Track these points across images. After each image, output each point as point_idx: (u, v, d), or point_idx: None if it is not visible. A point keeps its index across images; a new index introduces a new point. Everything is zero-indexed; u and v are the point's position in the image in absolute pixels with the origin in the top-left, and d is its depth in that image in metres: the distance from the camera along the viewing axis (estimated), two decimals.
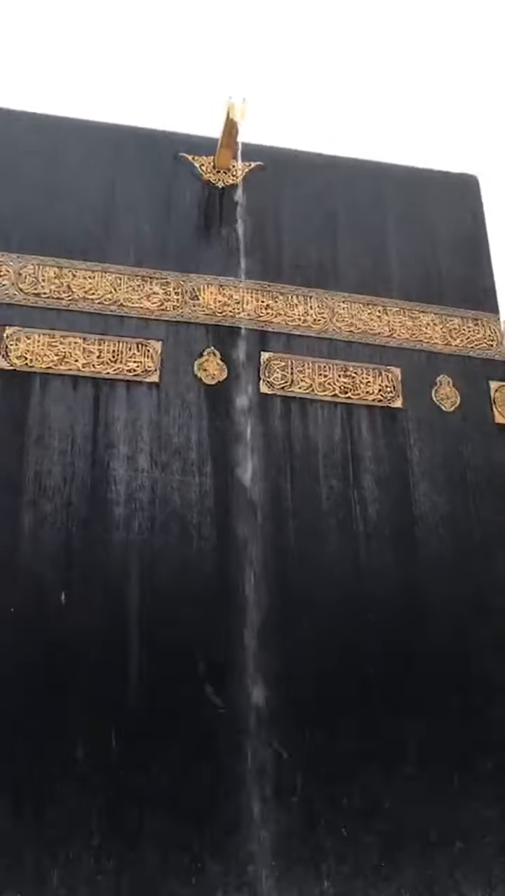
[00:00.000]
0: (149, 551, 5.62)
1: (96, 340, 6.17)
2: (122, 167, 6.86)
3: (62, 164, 6.74)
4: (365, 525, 6.05)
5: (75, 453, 5.79)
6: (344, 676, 5.56)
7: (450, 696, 5.68)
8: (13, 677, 5.12)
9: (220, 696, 5.31)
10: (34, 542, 5.50)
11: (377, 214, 7.27)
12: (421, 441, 6.43)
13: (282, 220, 7.00)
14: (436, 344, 6.82)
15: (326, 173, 7.32)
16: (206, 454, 5.98)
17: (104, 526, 5.63)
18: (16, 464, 5.67)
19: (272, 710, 5.28)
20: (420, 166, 7.73)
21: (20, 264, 6.31)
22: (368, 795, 5.31)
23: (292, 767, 5.25)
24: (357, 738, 5.40)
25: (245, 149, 6.89)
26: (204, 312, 6.46)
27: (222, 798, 5.10)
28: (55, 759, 5.01)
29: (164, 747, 5.15)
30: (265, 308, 6.60)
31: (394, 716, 5.54)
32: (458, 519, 6.25)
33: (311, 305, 6.72)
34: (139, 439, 5.93)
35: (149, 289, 6.44)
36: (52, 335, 6.12)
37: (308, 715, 5.40)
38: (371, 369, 6.58)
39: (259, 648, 5.42)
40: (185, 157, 7.02)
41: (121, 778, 5.05)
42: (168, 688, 5.28)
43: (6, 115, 6.88)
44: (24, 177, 6.61)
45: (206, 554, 5.70)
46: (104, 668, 5.26)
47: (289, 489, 6.03)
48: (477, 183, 7.69)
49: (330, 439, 6.27)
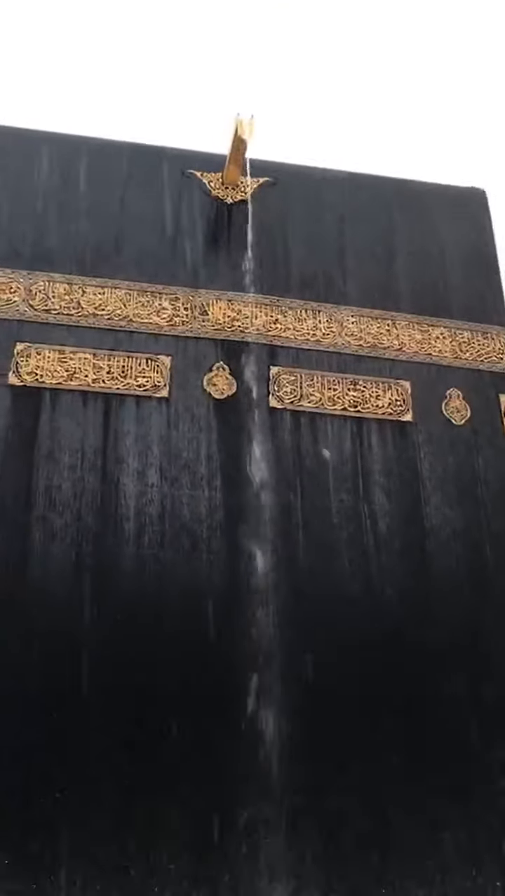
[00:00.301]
0: (158, 566, 5.61)
1: (106, 356, 6.20)
2: (131, 184, 6.91)
3: (71, 180, 6.80)
4: (375, 539, 6.02)
5: (85, 468, 5.79)
6: (356, 692, 5.51)
7: (463, 712, 5.61)
8: (23, 692, 5.10)
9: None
10: (44, 557, 5.49)
11: (385, 229, 7.29)
12: (431, 455, 6.40)
13: (290, 235, 7.03)
14: (445, 357, 6.82)
15: (334, 188, 7.36)
16: (215, 469, 5.98)
17: (114, 541, 5.62)
18: (26, 479, 5.68)
19: (284, 734, 5.23)
20: (428, 180, 7.76)
21: (30, 281, 6.36)
22: (376, 812, 5.24)
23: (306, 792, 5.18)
24: (370, 759, 5.34)
25: (253, 164, 6.94)
26: (213, 327, 6.48)
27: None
28: (61, 775, 4.98)
29: (172, 766, 5.11)
30: (274, 322, 6.62)
31: (407, 732, 5.47)
32: (469, 533, 6.20)
33: (320, 320, 6.73)
34: (149, 454, 5.94)
35: (158, 304, 6.47)
36: (62, 351, 6.15)
37: (322, 742, 5.32)
38: (381, 383, 6.58)
39: (270, 664, 5.38)
40: (194, 174, 7.07)
41: (137, 797, 5.01)
42: (175, 707, 5.23)
43: (15, 132, 6.96)
44: (33, 193, 6.68)
45: (216, 568, 5.68)
46: (112, 684, 5.23)
47: (299, 503, 6.01)
48: (485, 196, 7.72)
49: (340, 453, 6.25)
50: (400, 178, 7.68)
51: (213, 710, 5.26)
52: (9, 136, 6.93)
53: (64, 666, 5.23)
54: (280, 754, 5.18)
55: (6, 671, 5.14)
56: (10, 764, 4.94)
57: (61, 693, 5.16)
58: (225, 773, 5.14)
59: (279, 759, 5.17)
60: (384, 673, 5.60)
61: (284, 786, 5.12)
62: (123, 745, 5.10)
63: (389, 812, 5.25)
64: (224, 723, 5.23)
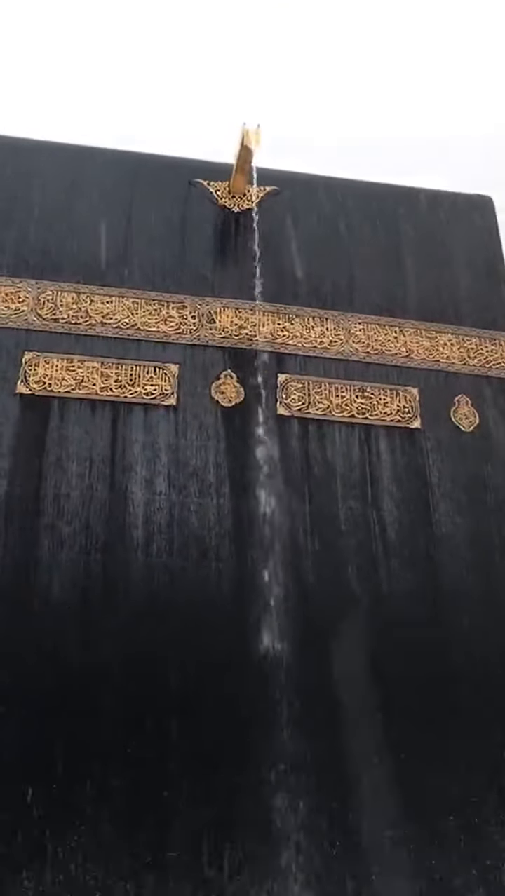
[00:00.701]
0: (167, 574, 5.59)
1: (114, 364, 6.21)
2: (138, 193, 6.94)
3: (79, 191, 6.84)
4: (384, 546, 5.99)
5: (93, 476, 5.80)
6: (365, 699, 5.47)
7: (474, 717, 5.57)
8: (32, 696, 5.09)
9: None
10: (52, 565, 5.49)
11: (392, 236, 7.30)
12: (440, 461, 6.38)
13: (297, 243, 7.03)
14: (453, 364, 6.80)
15: (341, 196, 7.37)
16: (223, 476, 5.97)
17: (123, 548, 5.62)
18: (34, 487, 5.69)
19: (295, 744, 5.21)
20: (434, 188, 7.76)
21: (38, 290, 6.38)
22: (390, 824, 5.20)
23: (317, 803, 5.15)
24: (381, 767, 5.30)
25: (259, 173, 6.96)
26: (220, 335, 6.49)
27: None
28: (68, 791, 4.96)
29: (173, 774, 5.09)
30: (281, 330, 6.62)
31: (419, 739, 5.43)
32: (479, 540, 6.17)
33: (327, 327, 6.72)
34: (157, 462, 5.93)
35: (165, 313, 6.49)
36: (70, 359, 6.16)
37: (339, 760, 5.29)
38: (388, 390, 6.57)
39: (278, 671, 5.35)
40: (201, 183, 7.09)
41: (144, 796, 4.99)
42: (181, 715, 5.22)
43: (23, 144, 7.02)
44: (41, 204, 6.72)
45: (224, 576, 5.66)
46: (121, 691, 5.22)
47: (307, 511, 5.99)
48: (491, 203, 7.72)
49: (348, 460, 6.24)
50: (406, 186, 7.70)
51: (221, 718, 5.23)
52: (16, 147, 6.98)
53: (72, 672, 5.21)
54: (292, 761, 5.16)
55: (16, 677, 5.13)
56: (11, 765, 4.94)
57: (69, 698, 5.14)
58: (227, 776, 5.12)
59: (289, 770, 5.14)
60: (395, 679, 5.56)
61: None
62: (125, 751, 5.08)
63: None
64: (233, 731, 5.22)
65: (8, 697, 5.07)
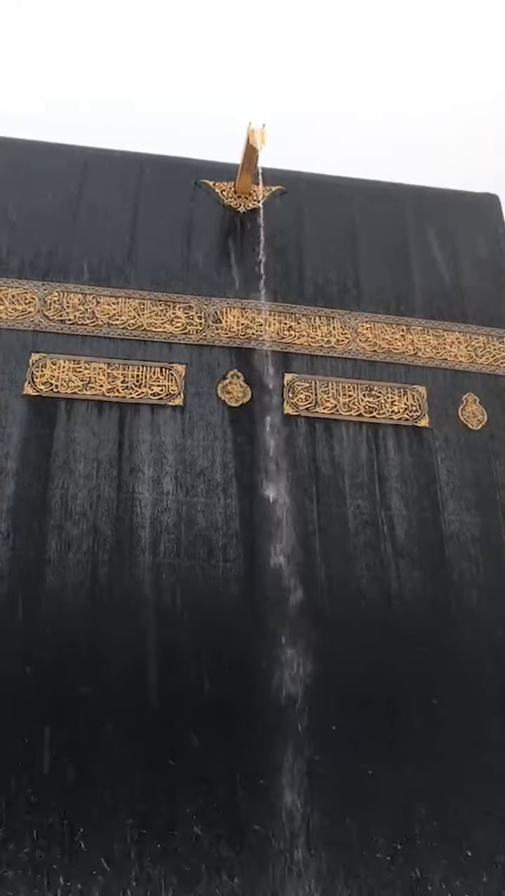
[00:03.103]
0: (175, 574, 5.59)
1: (120, 365, 6.21)
2: (143, 194, 6.96)
3: (84, 192, 6.86)
4: (393, 545, 5.96)
5: (101, 477, 5.80)
6: (375, 698, 5.44)
7: (484, 714, 5.53)
8: (40, 697, 5.09)
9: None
10: (60, 565, 5.49)
11: (398, 235, 7.28)
12: (449, 460, 6.35)
13: (303, 243, 7.03)
14: (461, 362, 6.77)
15: (347, 195, 7.37)
16: (231, 476, 5.96)
17: (130, 549, 5.62)
18: (42, 488, 5.70)
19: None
20: (440, 186, 7.73)
21: (45, 291, 6.40)
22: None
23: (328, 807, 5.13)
24: (392, 770, 5.27)
25: (265, 173, 6.96)
26: (227, 335, 6.48)
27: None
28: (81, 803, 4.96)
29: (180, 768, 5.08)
30: (288, 330, 6.61)
31: (427, 740, 5.40)
32: (488, 538, 6.13)
33: (333, 326, 6.71)
34: (164, 462, 5.93)
35: (171, 313, 6.49)
36: (77, 361, 6.17)
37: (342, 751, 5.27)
38: (396, 388, 6.54)
39: (288, 671, 5.34)
40: (206, 183, 7.10)
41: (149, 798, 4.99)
42: (188, 717, 5.21)
43: (29, 145, 7.04)
44: (47, 205, 6.73)
45: (232, 575, 5.65)
46: (128, 691, 5.21)
47: (315, 510, 5.97)
48: (498, 201, 7.69)
49: (356, 459, 6.22)
50: (412, 185, 7.67)
51: (229, 716, 5.22)
52: (23, 149, 7.01)
53: (80, 673, 5.21)
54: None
55: (24, 677, 5.13)
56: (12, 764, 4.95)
57: (77, 699, 5.13)
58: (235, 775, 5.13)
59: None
60: (405, 677, 5.53)
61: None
62: (134, 753, 5.07)
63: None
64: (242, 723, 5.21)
65: (15, 697, 5.06)
